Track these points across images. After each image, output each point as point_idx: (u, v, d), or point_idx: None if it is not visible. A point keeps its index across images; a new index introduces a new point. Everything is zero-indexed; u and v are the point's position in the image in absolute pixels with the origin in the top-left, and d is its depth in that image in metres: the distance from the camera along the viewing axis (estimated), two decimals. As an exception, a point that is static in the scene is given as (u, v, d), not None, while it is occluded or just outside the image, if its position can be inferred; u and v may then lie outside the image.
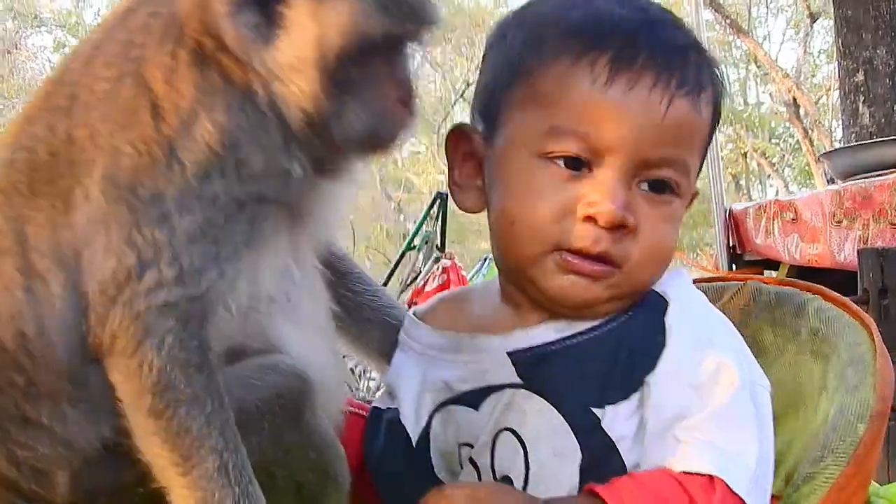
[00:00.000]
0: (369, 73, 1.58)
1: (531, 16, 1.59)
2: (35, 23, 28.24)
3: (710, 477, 1.36)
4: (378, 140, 1.62)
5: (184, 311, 1.49)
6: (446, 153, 1.64)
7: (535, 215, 1.46)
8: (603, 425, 1.44)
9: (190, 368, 1.48)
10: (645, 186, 1.47)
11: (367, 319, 1.81)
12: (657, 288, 1.51)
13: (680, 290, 1.53)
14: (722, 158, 23.88)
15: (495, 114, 1.56)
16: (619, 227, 1.43)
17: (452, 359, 1.58)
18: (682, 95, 1.46)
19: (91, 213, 1.51)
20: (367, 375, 8.24)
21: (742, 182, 28.04)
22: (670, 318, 1.47)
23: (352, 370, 8.29)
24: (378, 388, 8.35)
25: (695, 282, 1.88)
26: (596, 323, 1.50)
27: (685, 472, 1.36)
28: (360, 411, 1.71)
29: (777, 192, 26.94)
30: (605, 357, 1.47)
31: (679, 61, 1.48)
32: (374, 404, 1.70)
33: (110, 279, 1.49)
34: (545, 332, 1.51)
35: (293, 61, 1.53)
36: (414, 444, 1.59)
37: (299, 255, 1.65)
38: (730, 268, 5.58)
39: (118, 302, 1.48)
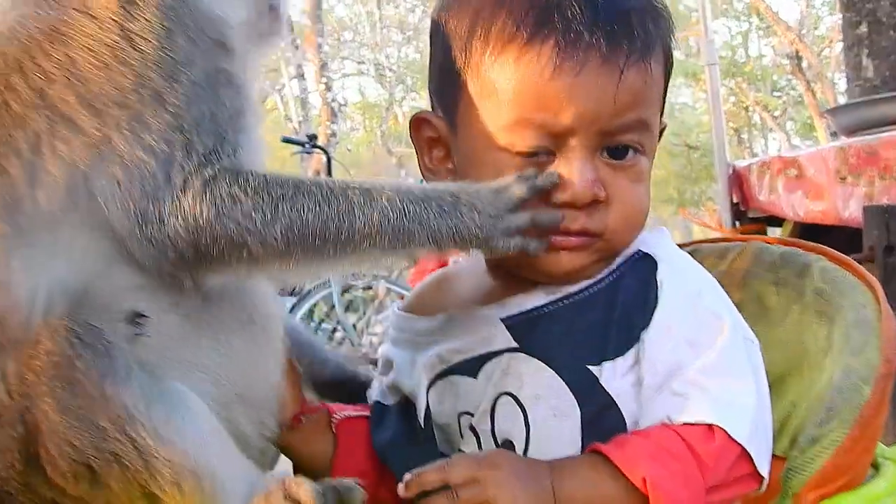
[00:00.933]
0: None
1: (464, 11, 1.54)
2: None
3: (709, 426, 1.36)
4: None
5: (228, 171, 1.43)
6: (412, 140, 1.63)
7: None
8: (601, 382, 1.45)
9: (271, 186, 1.42)
10: (607, 155, 1.47)
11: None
12: (644, 248, 1.52)
13: (666, 249, 1.54)
14: (724, 113, 23.95)
15: (452, 103, 1.55)
16: (591, 203, 1.45)
17: (448, 336, 1.58)
18: (631, 65, 1.45)
19: (82, 139, 1.44)
20: (369, 330, 8.28)
21: (744, 136, 27.97)
22: (661, 276, 1.48)
23: (354, 326, 8.34)
24: (380, 344, 8.34)
25: (697, 243, 1.89)
26: (587, 283, 1.50)
27: (684, 424, 1.37)
28: (363, 412, 1.70)
29: (780, 146, 26.91)
30: (599, 315, 1.48)
31: (624, 30, 1.46)
32: (375, 399, 1.70)
33: (142, 197, 1.42)
34: (537, 297, 1.52)
35: None
36: (422, 424, 1.59)
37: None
38: (733, 225, 5.57)
39: (167, 213, 1.41)
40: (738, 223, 5.61)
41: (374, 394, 1.72)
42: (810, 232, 4.98)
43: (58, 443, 1.38)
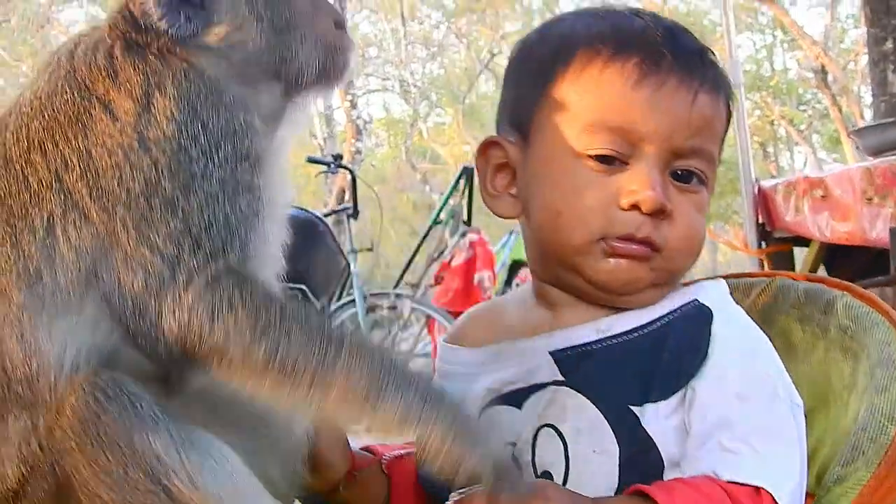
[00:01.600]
0: (300, 7, 1.66)
1: (555, 31, 1.67)
2: (67, -3, 28.38)
3: (757, 488, 1.39)
4: (333, 68, 1.69)
5: (234, 273, 1.46)
6: (477, 165, 1.68)
7: (581, 206, 1.52)
8: (642, 423, 1.47)
9: (270, 302, 1.44)
10: (675, 177, 1.54)
11: None
12: (699, 297, 1.55)
13: (722, 301, 1.58)
14: (748, 127, 23.85)
15: (528, 122, 1.61)
16: (658, 213, 1.50)
17: (496, 367, 1.62)
18: (704, 91, 1.54)
19: (91, 230, 1.48)
20: (395, 350, 8.28)
21: (770, 149, 27.86)
22: (716, 328, 1.51)
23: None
24: (415, 345, 8.40)
25: (723, 277, 1.90)
26: (637, 325, 1.53)
27: (732, 482, 1.39)
28: (409, 448, 1.74)
29: (805, 159, 26.76)
30: (646, 358, 1.50)
31: (698, 63, 1.57)
32: None
33: (144, 291, 1.45)
34: (587, 332, 1.55)
35: (234, 28, 1.59)
36: None
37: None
38: (759, 245, 5.56)
39: (166, 309, 1.43)
40: (764, 243, 5.60)
41: None
42: (837, 253, 4.97)
43: (90, 496, 1.40)
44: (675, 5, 27.24)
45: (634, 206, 1.50)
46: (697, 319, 1.52)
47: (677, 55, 1.54)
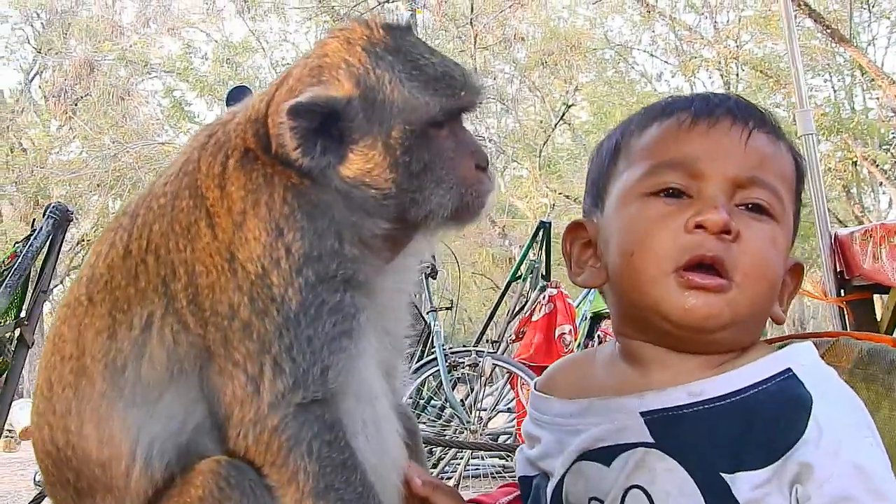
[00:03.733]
0: (440, 153, 1.67)
1: (619, 126, 1.79)
2: (146, 69, 29.07)
3: None
4: (467, 212, 1.70)
5: (319, 411, 1.56)
6: (564, 247, 1.78)
7: (651, 240, 1.60)
8: (733, 491, 1.51)
9: (345, 468, 1.56)
10: (742, 208, 1.61)
11: None
12: (792, 367, 1.59)
13: (816, 371, 1.61)
14: (830, 169, 23.49)
15: (602, 189, 1.73)
16: (725, 233, 1.56)
17: (586, 422, 1.67)
18: (759, 131, 1.64)
19: (188, 338, 1.58)
20: (478, 406, 8.30)
21: (853, 191, 27.40)
22: (818, 406, 1.53)
23: (462, 401, 8.37)
24: (489, 420, 8.43)
25: (788, 337, 1.92)
26: (730, 390, 1.57)
27: None
28: (514, 493, 1.85)
29: (890, 200, 26.25)
30: (738, 425, 1.54)
31: (756, 115, 1.67)
32: (519, 475, 1.83)
33: (232, 401, 1.55)
34: (678, 395, 1.60)
35: (365, 170, 1.63)
36: (548, 500, 1.70)
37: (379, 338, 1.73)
38: (838, 293, 5.50)
39: (248, 421, 1.55)
40: (842, 292, 5.54)
41: (518, 468, 1.84)
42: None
43: None
44: (750, 49, 27.05)
45: (700, 226, 1.56)
46: (794, 393, 1.55)
47: (730, 106, 1.65)
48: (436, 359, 8.04)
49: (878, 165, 25.29)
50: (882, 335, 1.84)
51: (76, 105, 28.36)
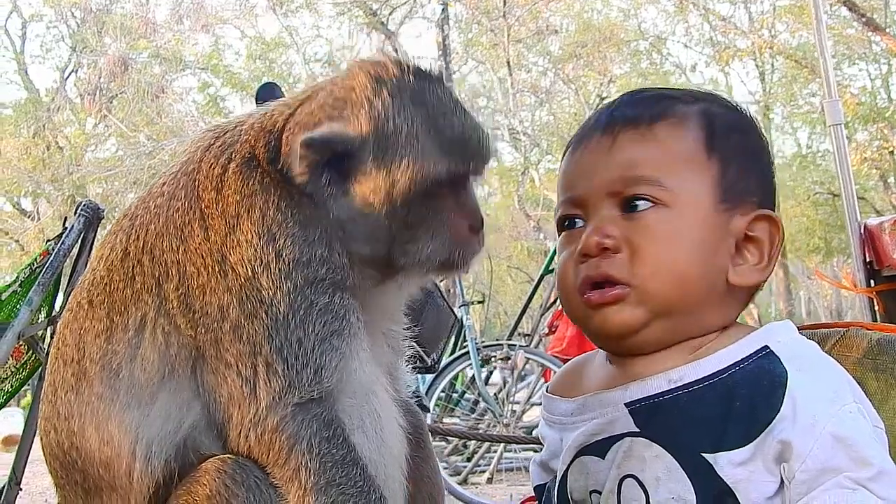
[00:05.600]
0: (439, 208, 1.72)
1: None
2: (180, 66, 29.21)
3: None
4: (450, 268, 1.77)
5: (317, 409, 1.59)
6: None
7: (560, 273, 1.69)
8: (716, 469, 1.54)
9: (346, 463, 1.59)
10: (625, 209, 1.63)
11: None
12: (769, 343, 1.61)
13: (792, 345, 1.63)
14: (866, 158, 23.21)
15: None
16: (603, 250, 1.61)
17: (583, 419, 1.72)
18: (626, 131, 1.65)
19: (178, 339, 1.61)
20: (511, 399, 8.32)
21: (890, 180, 27.10)
22: (793, 377, 1.55)
23: (495, 395, 8.39)
24: (522, 413, 8.43)
25: (799, 329, 1.95)
26: (708, 373, 1.60)
27: None
28: None
29: (927, 188, 25.95)
30: (717, 406, 1.57)
31: (628, 114, 1.68)
32: (535, 484, 1.87)
33: (230, 401, 1.59)
34: (659, 383, 1.63)
35: (365, 207, 1.67)
36: (554, 500, 1.75)
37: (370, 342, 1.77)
38: (868, 284, 5.45)
39: (248, 421, 1.58)
40: (872, 282, 5.50)
41: (533, 478, 1.89)
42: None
43: None
44: (785, 39, 26.83)
45: (583, 255, 1.62)
46: (768, 367, 1.58)
47: (602, 119, 1.69)
48: (468, 352, 8.07)
49: (915, 154, 25.00)
50: (893, 325, 1.85)
51: (111, 102, 28.52)
